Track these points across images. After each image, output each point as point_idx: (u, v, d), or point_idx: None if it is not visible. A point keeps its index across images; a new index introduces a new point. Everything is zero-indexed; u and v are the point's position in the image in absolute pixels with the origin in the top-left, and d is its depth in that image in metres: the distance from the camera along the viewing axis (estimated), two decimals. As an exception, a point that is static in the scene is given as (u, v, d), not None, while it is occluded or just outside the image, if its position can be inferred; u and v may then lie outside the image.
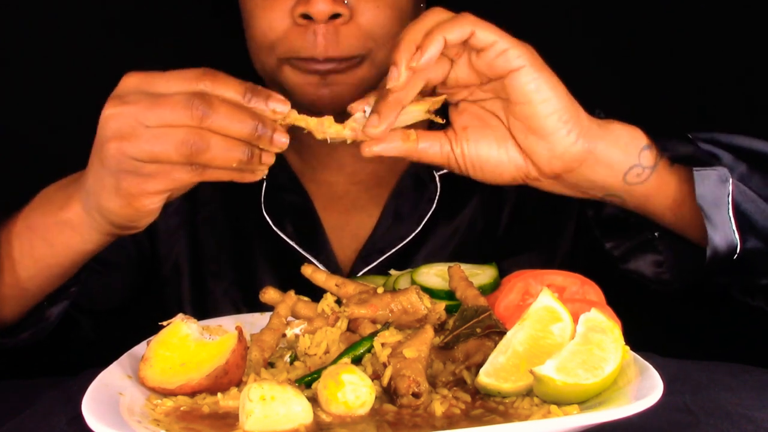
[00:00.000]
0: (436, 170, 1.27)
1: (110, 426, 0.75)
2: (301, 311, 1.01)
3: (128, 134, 0.85)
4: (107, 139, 0.86)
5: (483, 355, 0.89)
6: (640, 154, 0.98)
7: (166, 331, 0.94)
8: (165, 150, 0.84)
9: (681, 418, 0.83)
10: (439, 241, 1.25)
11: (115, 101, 0.87)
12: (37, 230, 0.99)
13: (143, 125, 0.84)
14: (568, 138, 0.93)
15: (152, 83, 0.86)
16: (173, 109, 0.83)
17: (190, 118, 0.83)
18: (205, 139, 0.84)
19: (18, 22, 1.74)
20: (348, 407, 0.80)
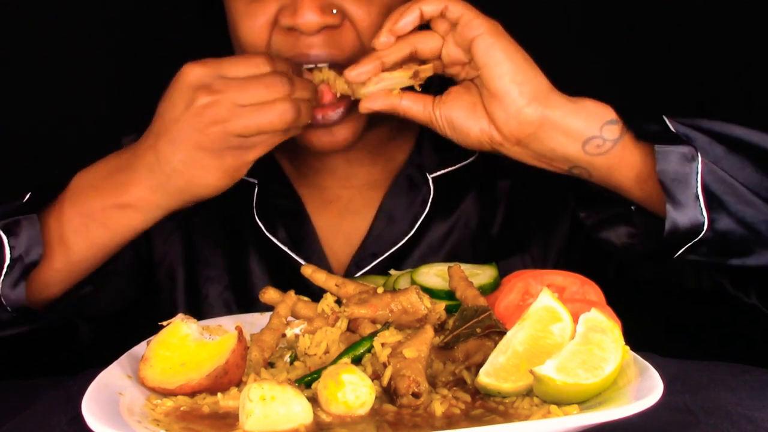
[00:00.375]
0: (429, 172, 1.28)
1: (110, 426, 0.75)
2: (301, 311, 1.01)
3: (228, 116, 0.97)
4: (206, 125, 0.98)
5: (483, 355, 0.89)
6: (603, 127, 1.02)
7: (166, 331, 0.94)
8: (270, 121, 0.98)
9: (681, 418, 0.83)
10: (433, 242, 1.26)
11: (201, 92, 0.98)
12: (92, 215, 1.06)
13: (239, 106, 0.98)
14: (520, 99, 1.00)
15: (222, 69, 0.99)
16: (267, 87, 0.99)
17: (281, 92, 0.99)
18: (297, 106, 1.00)
19: (18, 22, 1.74)
20: (348, 407, 0.80)
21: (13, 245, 1.05)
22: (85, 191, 1.08)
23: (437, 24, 1.05)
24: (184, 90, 0.99)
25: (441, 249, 1.26)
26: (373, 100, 1.07)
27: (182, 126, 0.99)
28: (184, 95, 0.99)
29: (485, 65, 1.01)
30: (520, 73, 1.00)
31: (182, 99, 1.00)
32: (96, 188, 1.08)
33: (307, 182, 1.31)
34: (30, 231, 1.05)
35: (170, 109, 1.01)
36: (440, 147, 1.29)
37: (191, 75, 0.99)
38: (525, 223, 1.29)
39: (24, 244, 1.05)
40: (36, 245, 1.05)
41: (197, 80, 0.99)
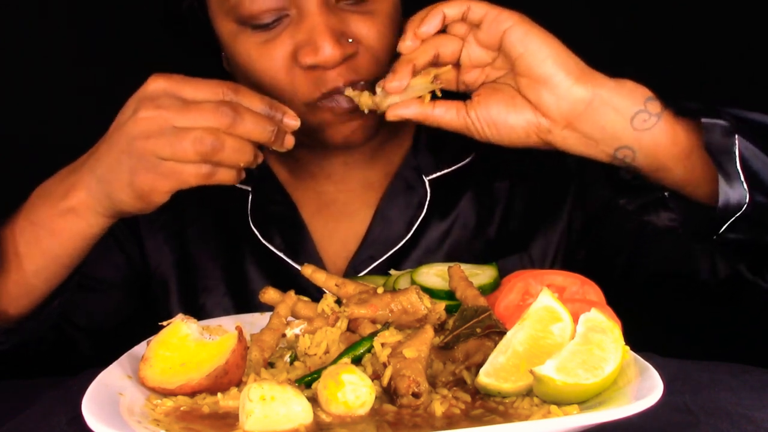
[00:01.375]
0: (425, 174, 1.28)
1: (110, 426, 0.75)
2: (301, 311, 1.01)
3: (156, 133, 0.94)
4: (135, 137, 0.96)
5: (483, 355, 0.89)
6: (646, 102, 1.01)
7: (166, 331, 0.94)
8: (183, 148, 0.94)
9: (681, 418, 0.83)
10: (430, 244, 1.26)
11: (147, 104, 0.96)
12: (41, 223, 1.05)
13: (172, 127, 0.94)
14: (567, 79, 1.00)
15: (181, 89, 0.96)
16: (204, 113, 0.94)
17: (219, 123, 0.94)
18: (220, 139, 0.94)
19: (18, 22, 1.74)
20: (348, 407, 0.80)
21: None
22: (39, 200, 1.07)
23: (456, 27, 1.05)
24: (138, 98, 0.98)
25: (438, 250, 1.26)
26: (404, 107, 1.05)
27: (120, 133, 0.98)
28: (133, 103, 0.99)
29: (524, 53, 1.00)
30: (562, 54, 1.01)
31: (130, 107, 0.99)
32: (47, 196, 1.06)
33: (303, 186, 1.31)
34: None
35: (121, 114, 1.00)
36: (436, 148, 1.29)
37: (151, 86, 0.98)
38: (523, 224, 1.29)
39: None
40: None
41: (153, 92, 0.97)
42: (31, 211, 1.07)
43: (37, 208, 1.06)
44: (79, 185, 1.03)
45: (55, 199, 1.04)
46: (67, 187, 1.04)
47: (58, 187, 1.05)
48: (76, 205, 1.03)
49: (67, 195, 1.03)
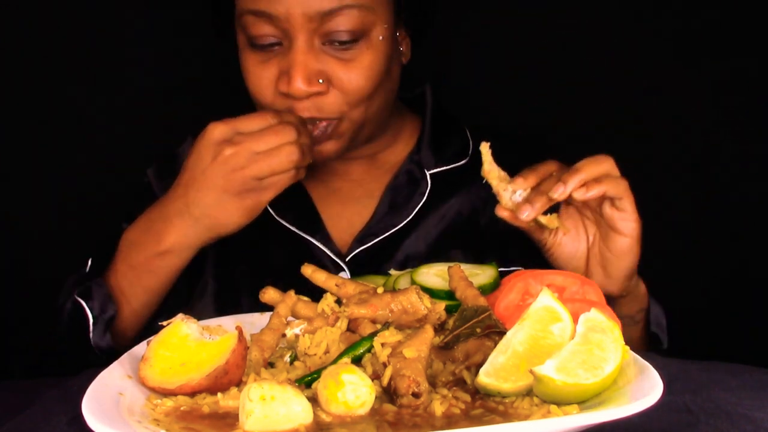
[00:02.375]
0: (427, 169, 1.41)
1: (110, 426, 0.75)
2: (301, 311, 1.01)
3: (247, 162, 1.17)
4: (229, 172, 1.18)
5: (483, 355, 0.89)
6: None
7: (166, 331, 0.94)
8: (280, 162, 1.17)
9: (681, 418, 0.83)
10: (427, 226, 1.38)
11: (224, 145, 1.18)
12: (140, 266, 1.27)
13: (256, 153, 1.17)
14: (617, 282, 1.23)
15: (239, 126, 1.19)
16: (278, 134, 1.18)
17: (291, 137, 1.18)
18: (300, 148, 1.19)
19: (18, 23, 1.74)
20: (348, 407, 0.80)
21: (91, 307, 1.27)
22: (131, 247, 1.28)
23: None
24: (210, 145, 1.18)
25: (432, 233, 1.38)
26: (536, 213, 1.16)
27: (209, 175, 1.19)
28: (210, 149, 1.18)
29: (616, 257, 1.20)
30: (631, 270, 1.22)
31: (208, 152, 1.19)
32: (139, 243, 1.27)
33: (311, 177, 1.41)
34: (100, 293, 1.28)
35: (198, 162, 1.20)
36: (437, 149, 1.42)
37: (215, 132, 1.18)
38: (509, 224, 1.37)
39: (98, 305, 1.27)
40: (108, 303, 1.27)
41: (221, 136, 1.18)
42: (127, 257, 1.29)
43: (132, 254, 1.28)
44: (170, 230, 1.24)
45: (149, 245, 1.26)
46: (156, 234, 1.25)
47: (146, 235, 1.27)
48: (171, 247, 1.25)
49: (160, 240, 1.25)
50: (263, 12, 1.19)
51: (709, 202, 1.80)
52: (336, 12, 1.18)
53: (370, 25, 1.21)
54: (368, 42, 1.22)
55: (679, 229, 1.82)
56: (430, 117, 1.44)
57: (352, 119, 1.26)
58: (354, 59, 1.22)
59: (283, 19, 1.18)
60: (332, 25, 1.19)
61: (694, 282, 1.82)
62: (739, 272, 1.80)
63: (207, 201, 1.20)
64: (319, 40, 1.20)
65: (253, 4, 1.20)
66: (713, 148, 1.79)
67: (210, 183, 1.19)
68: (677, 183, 1.81)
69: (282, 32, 1.20)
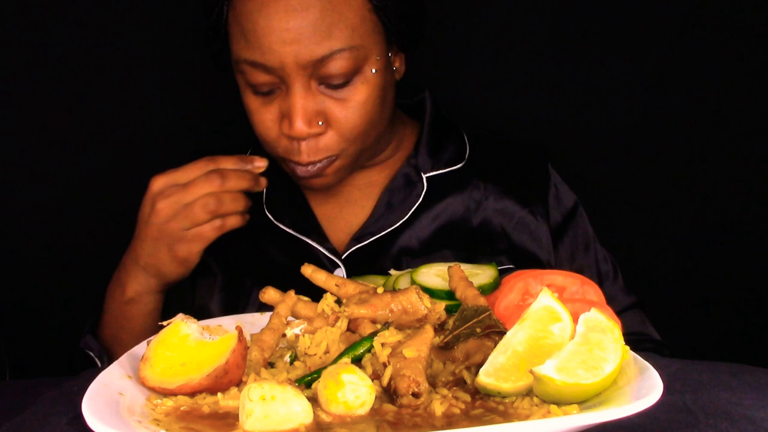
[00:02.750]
0: (423, 173, 1.43)
1: (110, 426, 0.75)
2: (301, 311, 1.01)
3: (174, 215, 1.25)
4: (161, 224, 1.26)
5: (483, 355, 0.89)
6: None
7: (166, 331, 0.94)
8: (196, 214, 1.24)
9: (681, 418, 0.83)
10: (421, 225, 1.41)
11: (158, 198, 1.26)
12: (116, 314, 1.37)
13: (183, 205, 1.25)
14: None
15: (176, 178, 1.26)
16: (200, 185, 1.25)
17: (213, 187, 1.25)
18: (219, 197, 1.25)
19: (18, 23, 1.74)
20: (348, 407, 0.80)
21: (96, 356, 1.37)
22: (107, 298, 1.38)
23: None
24: (149, 198, 1.27)
25: (426, 231, 1.41)
26: None
27: (147, 227, 1.28)
28: (149, 202, 1.27)
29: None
30: None
31: (147, 205, 1.28)
32: (111, 293, 1.38)
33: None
34: (95, 345, 1.38)
35: (141, 215, 1.29)
36: (433, 154, 1.46)
37: (155, 185, 1.27)
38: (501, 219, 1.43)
39: (97, 354, 1.37)
40: (103, 354, 1.37)
41: (157, 189, 1.26)
42: (106, 307, 1.39)
43: (108, 303, 1.38)
44: (129, 280, 1.33)
45: (117, 295, 1.35)
46: (122, 285, 1.34)
47: (116, 286, 1.36)
48: (133, 296, 1.34)
49: (124, 291, 1.34)
50: (259, 63, 1.22)
51: (710, 202, 1.80)
52: (328, 58, 1.21)
53: (362, 62, 1.24)
54: (362, 78, 1.25)
55: (680, 230, 1.83)
56: (429, 122, 1.47)
57: (349, 153, 1.29)
58: (348, 98, 1.25)
59: (278, 68, 1.22)
60: (325, 70, 1.22)
61: (694, 282, 1.82)
62: (739, 272, 1.80)
63: (147, 252, 1.29)
64: (315, 83, 1.24)
65: (249, 55, 1.23)
66: (715, 148, 1.79)
67: (148, 235, 1.28)
68: (678, 184, 1.81)
69: (279, 78, 1.23)
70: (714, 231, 1.80)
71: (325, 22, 1.19)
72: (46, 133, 1.77)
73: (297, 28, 1.19)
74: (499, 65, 1.79)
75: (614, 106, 1.78)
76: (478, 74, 1.80)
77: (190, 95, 1.79)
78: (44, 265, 1.79)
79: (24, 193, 1.79)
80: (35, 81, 1.75)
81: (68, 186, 1.79)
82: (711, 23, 1.75)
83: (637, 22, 1.77)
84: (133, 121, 1.79)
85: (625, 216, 1.80)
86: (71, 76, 1.75)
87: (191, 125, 1.78)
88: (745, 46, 1.74)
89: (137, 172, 1.58)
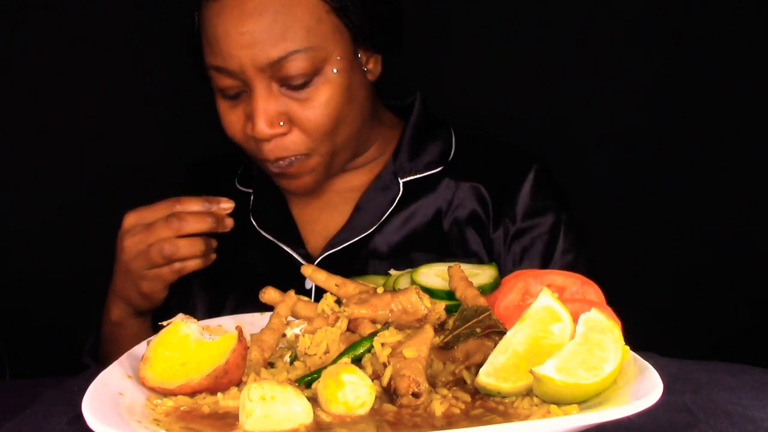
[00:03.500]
0: (401, 177, 1.44)
1: (110, 426, 0.75)
2: (301, 311, 1.01)
3: (136, 255, 1.28)
4: (126, 261, 1.29)
5: (483, 355, 0.89)
6: None
7: (166, 331, 0.94)
8: (152, 257, 1.27)
9: (681, 418, 0.83)
10: (391, 229, 1.42)
11: (126, 236, 1.29)
12: (109, 335, 1.41)
13: (147, 245, 1.27)
14: None
15: (144, 217, 1.29)
16: (159, 229, 1.26)
17: (171, 232, 1.26)
18: (174, 243, 1.26)
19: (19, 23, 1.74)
20: (348, 407, 0.80)
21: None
22: (102, 320, 1.42)
23: None
24: (121, 234, 1.30)
25: (397, 234, 1.42)
26: None
27: (118, 261, 1.32)
28: (121, 238, 1.30)
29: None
30: None
31: (119, 240, 1.31)
32: (103, 317, 1.42)
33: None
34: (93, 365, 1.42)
35: (117, 249, 1.32)
36: (413, 158, 1.46)
37: (126, 222, 1.30)
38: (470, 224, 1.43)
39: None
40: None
41: (128, 226, 1.30)
42: (101, 328, 1.43)
43: (102, 326, 1.43)
44: (111, 306, 1.38)
45: (106, 317, 1.40)
46: (108, 309, 1.39)
47: (105, 309, 1.40)
48: (117, 320, 1.38)
49: (110, 315, 1.39)
50: (221, 68, 1.27)
51: (710, 202, 1.80)
52: (284, 59, 1.23)
53: (321, 63, 1.26)
54: (323, 78, 1.28)
55: (680, 230, 1.83)
56: (413, 124, 1.47)
57: (320, 153, 1.31)
58: (310, 98, 1.27)
59: (239, 72, 1.25)
60: (283, 72, 1.24)
61: (694, 282, 1.82)
62: (740, 272, 1.80)
63: (119, 284, 1.34)
64: (277, 84, 1.26)
65: (213, 60, 1.28)
66: (715, 149, 1.79)
67: (118, 269, 1.33)
68: (678, 184, 1.81)
69: (242, 82, 1.27)
70: (714, 231, 1.80)
71: (279, 24, 1.23)
72: (46, 138, 1.77)
73: (251, 32, 1.22)
74: (497, 66, 1.79)
75: (613, 107, 1.78)
76: (474, 75, 1.80)
77: (192, 101, 1.78)
78: (44, 266, 1.79)
79: (24, 195, 1.79)
80: (38, 84, 1.75)
81: (68, 189, 1.80)
82: (711, 28, 1.75)
83: (636, 21, 1.77)
84: (132, 130, 1.79)
85: (624, 217, 1.80)
86: (75, 78, 1.75)
87: (192, 130, 1.78)
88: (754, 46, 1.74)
89: (137, 175, 1.59)
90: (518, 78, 1.80)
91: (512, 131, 1.55)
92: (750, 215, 1.79)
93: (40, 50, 1.74)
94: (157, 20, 1.77)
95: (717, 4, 1.73)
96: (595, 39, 1.77)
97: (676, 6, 1.74)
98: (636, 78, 1.78)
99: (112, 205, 1.68)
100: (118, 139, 1.78)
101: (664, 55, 1.77)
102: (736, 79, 1.75)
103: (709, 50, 1.75)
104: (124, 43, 1.76)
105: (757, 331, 1.77)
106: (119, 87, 1.77)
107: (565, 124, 1.78)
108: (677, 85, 1.77)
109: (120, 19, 1.76)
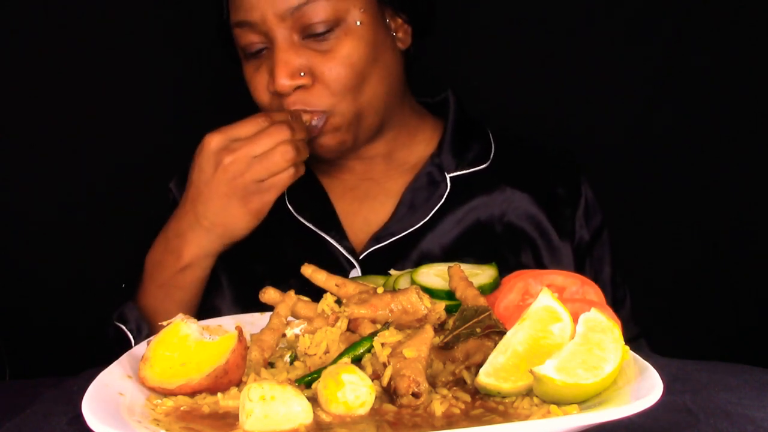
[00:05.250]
0: (447, 172, 1.41)
1: (110, 426, 0.75)
2: (301, 311, 1.01)
3: (247, 167, 1.22)
4: (231, 179, 1.23)
5: (483, 355, 0.89)
6: None
7: (166, 331, 0.94)
8: (277, 162, 1.22)
9: (681, 418, 0.83)
10: (444, 229, 1.39)
11: (222, 153, 1.23)
12: (167, 283, 1.32)
13: (253, 157, 1.22)
14: None
15: (235, 133, 1.24)
16: (272, 135, 1.22)
17: (285, 136, 1.22)
18: (295, 145, 1.23)
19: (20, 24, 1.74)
20: (348, 407, 0.80)
21: (130, 329, 1.32)
22: (155, 267, 1.33)
23: None
24: (209, 156, 1.24)
25: (450, 234, 1.38)
26: None
27: (213, 185, 1.24)
28: (210, 160, 1.24)
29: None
30: None
31: (209, 164, 1.24)
32: (161, 262, 1.32)
33: (330, 176, 1.47)
34: (133, 315, 1.32)
35: (201, 175, 1.25)
36: (458, 153, 1.43)
37: (212, 142, 1.23)
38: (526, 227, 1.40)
39: (134, 326, 1.32)
40: (142, 323, 1.32)
41: (217, 146, 1.23)
42: (153, 277, 1.34)
43: (157, 274, 1.33)
44: (186, 245, 1.29)
45: (170, 263, 1.31)
46: (177, 251, 1.30)
47: (167, 254, 1.32)
48: (190, 261, 1.30)
49: (180, 257, 1.30)
50: (244, 21, 1.27)
51: (710, 203, 1.80)
52: (304, 5, 1.23)
53: (343, 12, 1.25)
54: (345, 29, 1.26)
55: (680, 230, 1.83)
56: (453, 120, 1.45)
57: (342, 112, 1.29)
58: (332, 49, 1.26)
59: (260, 23, 1.25)
60: (305, 19, 1.24)
61: (694, 282, 1.82)
62: (740, 272, 1.80)
63: (214, 210, 1.26)
64: (299, 36, 1.26)
65: (236, 17, 1.28)
66: (716, 149, 1.79)
67: (214, 193, 1.24)
68: (678, 185, 1.81)
69: (264, 36, 1.27)
70: (714, 231, 1.80)
71: None
72: (46, 138, 1.77)
73: None
74: (497, 66, 1.79)
75: (613, 107, 1.78)
76: (474, 75, 1.80)
77: (193, 101, 1.79)
78: (44, 265, 1.79)
79: (24, 195, 1.79)
80: (38, 84, 1.75)
81: (68, 189, 1.79)
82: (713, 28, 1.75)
83: (635, 20, 1.77)
84: (132, 130, 1.79)
85: (624, 217, 1.80)
86: (76, 79, 1.75)
87: (192, 130, 1.77)
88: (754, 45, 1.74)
89: (137, 175, 1.59)
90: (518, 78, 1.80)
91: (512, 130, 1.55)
92: (750, 215, 1.78)
93: (40, 50, 1.74)
94: (158, 20, 1.77)
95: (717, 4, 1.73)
96: (594, 39, 1.77)
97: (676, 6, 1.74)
98: (636, 78, 1.78)
99: (112, 205, 1.70)
100: (118, 139, 1.78)
101: (663, 54, 1.77)
102: (736, 78, 1.75)
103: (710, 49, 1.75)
104: (124, 43, 1.76)
105: (757, 331, 1.77)
106: (119, 87, 1.77)
107: (565, 124, 1.78)
108: (677, 85, 1.77)
109: (120, 19, 1.75)
